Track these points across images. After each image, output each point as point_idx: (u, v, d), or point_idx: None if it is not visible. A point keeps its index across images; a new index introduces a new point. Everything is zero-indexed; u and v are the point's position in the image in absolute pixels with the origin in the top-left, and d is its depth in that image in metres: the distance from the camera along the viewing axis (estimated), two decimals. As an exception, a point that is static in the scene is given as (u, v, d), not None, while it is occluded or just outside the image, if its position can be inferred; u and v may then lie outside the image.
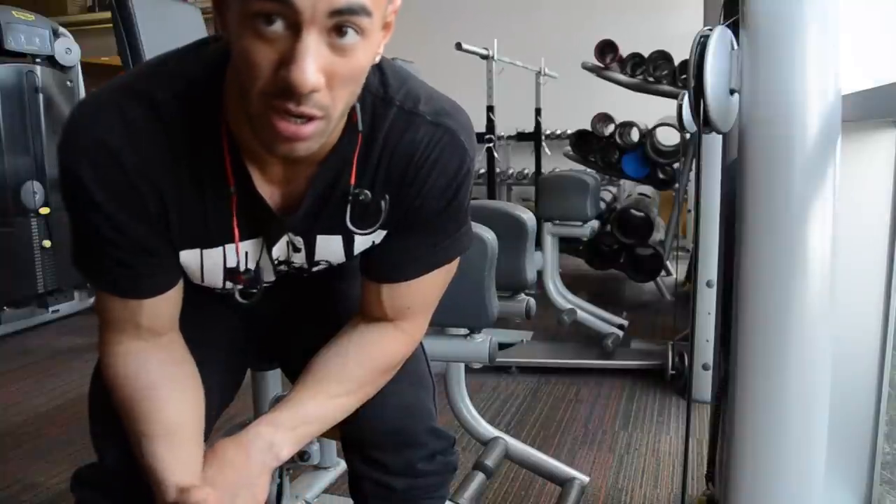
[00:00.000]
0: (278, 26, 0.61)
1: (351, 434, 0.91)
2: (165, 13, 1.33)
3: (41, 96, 3.32)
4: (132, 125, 0.71)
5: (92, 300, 3.58)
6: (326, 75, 0.63)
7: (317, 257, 0.86)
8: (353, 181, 0.78)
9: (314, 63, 0.61)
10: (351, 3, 0.61)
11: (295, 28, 0.61)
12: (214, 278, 0.83)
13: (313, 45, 0.61)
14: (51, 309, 3.44)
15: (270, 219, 0.79)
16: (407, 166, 0.78)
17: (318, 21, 0.61)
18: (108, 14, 1.27)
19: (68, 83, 3.49)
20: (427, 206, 0.80)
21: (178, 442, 0.78)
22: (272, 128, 0.65)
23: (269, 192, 0.78)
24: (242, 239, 0.80)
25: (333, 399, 0.85)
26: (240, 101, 0.69)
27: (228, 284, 0.84)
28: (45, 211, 3.31)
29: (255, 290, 0.85)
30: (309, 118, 0.65)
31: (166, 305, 0.82)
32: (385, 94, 0.76)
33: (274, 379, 1.32)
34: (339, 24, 0.62)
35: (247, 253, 0.82)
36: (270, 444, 0.80)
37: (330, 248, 0.85)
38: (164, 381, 0.81)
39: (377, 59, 0.72)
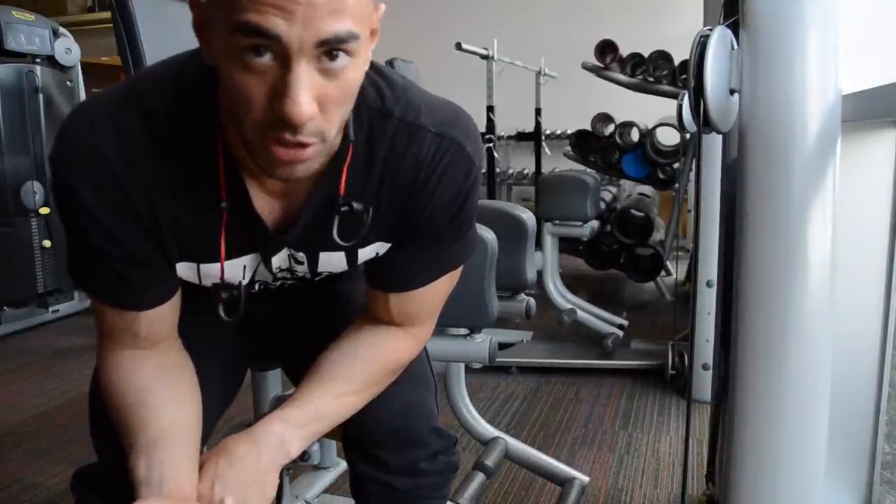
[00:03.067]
0: (267, 58, 0.60)
1: (353, 433, 0.91)
2: (165, 13, 1.32)
3: (41, 96, 3.32)
4: (126, 134, 0.70)
5: (92, 300, 3.58)
6: (319, 101, 0.62)
7: (320, 269, 0.85)
8: (342, 192, 0.76)
9: (307, 94, 0.61)
10: (338, 32, 0.60)
11: (284, 59, 0.60)
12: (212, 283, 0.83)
13: (304, 76, 0.60)
14: (51, 309, 3.44)
15: (267, 235, 0.78)
16: (414, 181, 0.77)
17: (306, 51, 0.60)
18: (108, 14, 1.27)
19: (68, 83, 3.49)
20: (435, 219, 0.79)
21: (164, 451, 0.76)
22: (270, 154, 0.65)
23: (267, 206, 0.77)
24: (238, 255, 0.80)
25: (342, 398, 0.85)
26: (230, 119, 0.68)
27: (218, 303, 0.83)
28: (45, 211, 3.31)
29: (236, 308, 0.83)
30: (306, 145, 0.64)
31: (165, 315, 0.82)
32: (383, 105, 0.75)
33: (274, 379, 1.32)
34: (328, 51, 0.61)
35: (245, 266, 0.82)
36: (281, 440, 0.80)
37: (333, 262, 0.84)
38: (156, 387, 0.80)
39: (371, 65, 0.71)
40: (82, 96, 3.57)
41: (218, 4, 0.60)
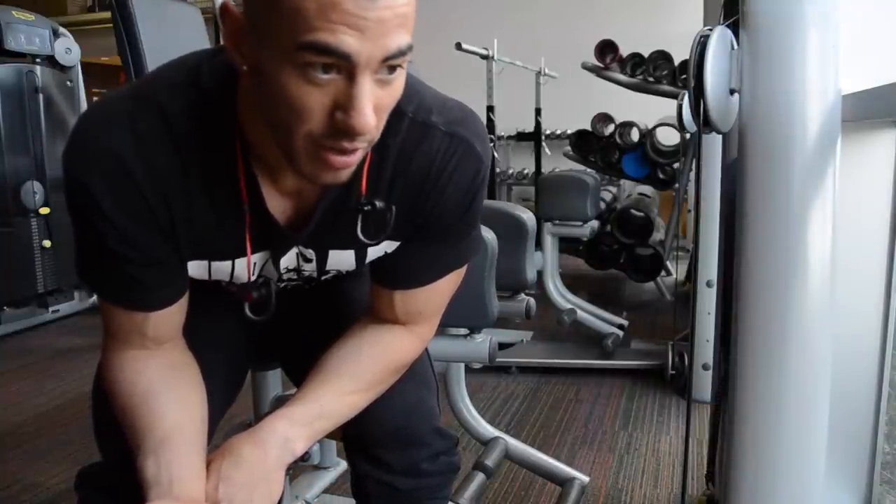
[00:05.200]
0: (332, 73, 0.61)
1: (354, 433, 0.91)
2: (165, 13, 1.33)
3: (41, 96, 3.32)
4: (142, 135, 0.70)
5: (92, 300, 3.58)
6: (375, 110, 0.64)
7: (328, 267, 0.86)
8: (363, 192, 0.77)
9: (370, 105, 0.62)
10: (401, 46, 0.62)
11: (349, 73, 0.61)
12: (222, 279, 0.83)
13: (368, 88, 0.62)
14: (51, 309, 3.44)
15: (280, 234, 0.79)
16: (424, 179, 0.78)
17: (372, 65, 0.61)
18: (108, 14, 1.27)
19: (68, 83, 3.49)
20: (443, 217, 0.80)
21: (172, 451, 0.76)
22: (321, 161, 0.66)
23: (280, 205, 0.77)
24: (253, 252, 0.80)
25: (346, 396, 0.85)
26: (263, 126, 0.69)
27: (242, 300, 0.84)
28: (45, 211, 3.31)
29: (266, 307, 0.84)
30: (358, 149, 0.66)
31: (173, 315, 0.82)
32: (396, 105, 0.76)
33: (274, 379, 1.32)
34: (389, 64, 0.62)
35: (255, 264, 0.82)
36: (286, 439, 0.80)
37: (341, 260, 0.85)
38: (161, 387, 0.80)
39: None
40: (82, 96, 3.57)
41: (277, 19, 0.60)
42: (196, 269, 0.80)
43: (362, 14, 0.58)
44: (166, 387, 0.80)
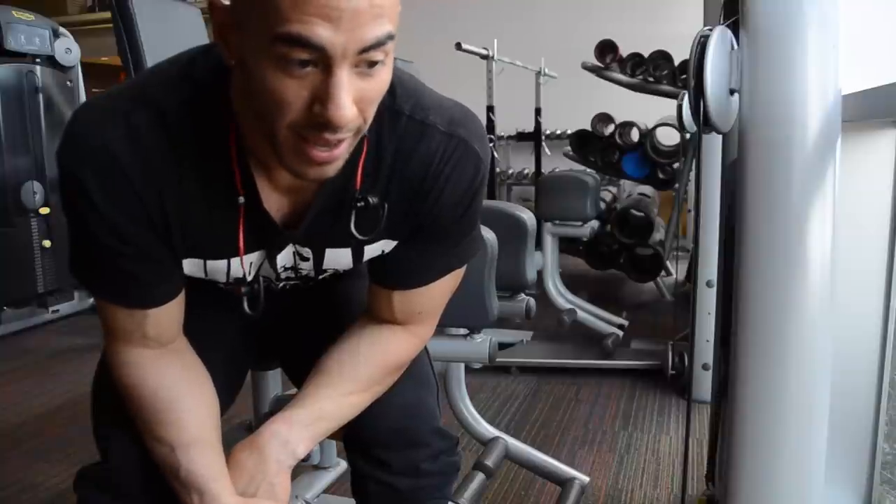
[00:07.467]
0: (309, 67, 0.61)
1: (354, 433, 0.91)
2: (165, 13, 1.33)
3: (41, 96, 3.32)
4: (136, 131, 0.69)
5: (92, 300, 3.58)
6: (357, 102, 0.63)
7: (325, 266, 0.86)
8: (357, 187, 0.77)
9: (349, 97, 0.62)
10: (379, 37, 0.61)
11: (326, 65, 0.61)
12: (217, 279, 0.83)
13: (346, 80, 0.61)
14: (51, 309, 3.44)
15: (275, 232, 0.79)
16: (423, 178, 0.77)
17: (349, 57, 0.61)
18: (108, 14, 1.27)
19: (68, 83, 3.48)
20: (442, 217, 0.80)
21: (209, 449, 0.79)
22: (304, 156, 0.65)
23: (276, 202, 0.77)
24: (248, 252, 0.80)
25: (346, 397, 0.85)
26: (253, 120, 0.69)
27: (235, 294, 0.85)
28: (45, 211, 3.31)
29: (256, 303, 0.84)
30: (342, 141, 0.66)
31: (172, 313, 0.81)
32: (393, 103, 0.76)
33: (274, 379, 1.32)
34: (368, 54, 0.62)
35: (251, 263, 0.82)
36: (286, 441, 0.81)
37: (338, 259, 0.85)
38: (184, 390, 0.81)
39: None
40: (82, 96, 3.57)
41: (255, 11, 0.60)
42: (191, 267, 0.80)
43: (336, 5, 0.58)
44: (187, 386, 0.82)
